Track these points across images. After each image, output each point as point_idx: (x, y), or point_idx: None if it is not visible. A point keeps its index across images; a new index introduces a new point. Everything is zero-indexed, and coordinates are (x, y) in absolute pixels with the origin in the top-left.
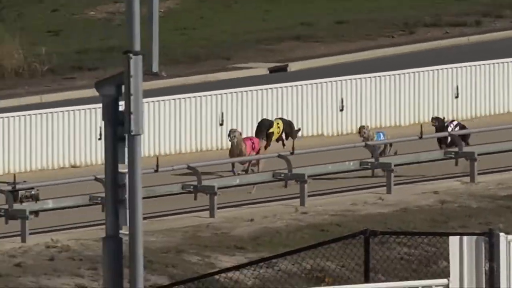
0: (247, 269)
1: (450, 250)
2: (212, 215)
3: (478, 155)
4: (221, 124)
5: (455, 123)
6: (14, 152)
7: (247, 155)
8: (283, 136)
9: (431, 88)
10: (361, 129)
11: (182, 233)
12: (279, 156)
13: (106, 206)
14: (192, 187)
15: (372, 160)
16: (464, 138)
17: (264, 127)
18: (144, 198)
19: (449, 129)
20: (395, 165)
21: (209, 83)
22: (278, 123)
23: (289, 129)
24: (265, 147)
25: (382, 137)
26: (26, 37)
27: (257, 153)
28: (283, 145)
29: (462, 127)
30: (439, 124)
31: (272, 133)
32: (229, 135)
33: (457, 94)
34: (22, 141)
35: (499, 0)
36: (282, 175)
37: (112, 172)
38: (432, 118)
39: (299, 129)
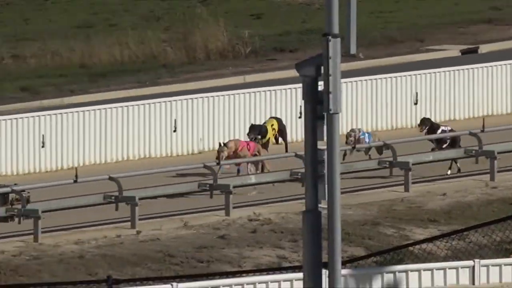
0: (439, 241)
1: None
2: (406, 189)
3: None
4: (415, 103)
5: (448, 128)
6: (219, 128)
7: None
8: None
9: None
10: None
11: (378, 207)
12: (470, 133)
13: (306, 181)
14: (387, 163)
15: None
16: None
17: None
18: (342, 173)
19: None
20: None
21: (403, 64)
22: (272, 124)
23: (283, 128)
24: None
25: (367, 138)
26: (230, 20)
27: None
28: (277, 143)
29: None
30: (432, 125)
31: (268, 140)
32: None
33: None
34: (226, 119)
35: None
36: (473, 151)
37: (312, 148)
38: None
39: None
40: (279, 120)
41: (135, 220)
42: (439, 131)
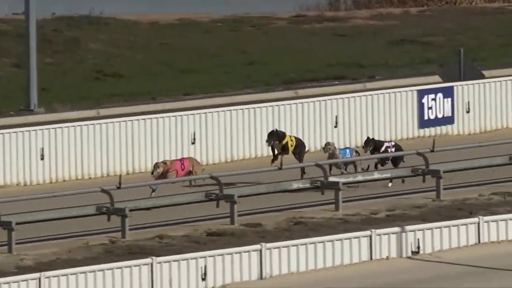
0: None
1: None
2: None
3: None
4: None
5: (392, 143)
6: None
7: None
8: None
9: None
10: (325, 146)
11: None
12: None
13: None
14: (420, 170)
15: None
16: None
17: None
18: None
19: (388, 149)
20: None
21: None
22: (291, 138)
23: (299, 149)
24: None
25: (348, 154)
26: None
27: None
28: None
29: (398, 148)
30: (375, 144)
31: (287, 143)
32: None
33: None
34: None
35: None
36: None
37: None
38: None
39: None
40: (298, 139)
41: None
42: (383, 148)
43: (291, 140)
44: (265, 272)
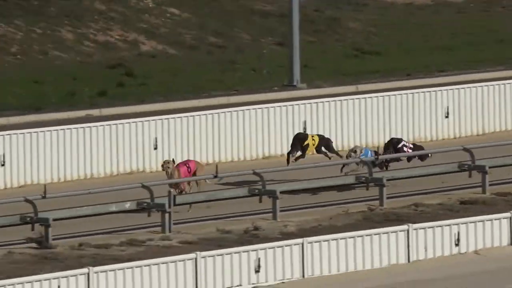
0: None
1: None
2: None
3: None
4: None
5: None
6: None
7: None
8: (323, 149)
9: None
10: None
11: None
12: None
13: None
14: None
15: None
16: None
17: (298, 140)
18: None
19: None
20: None
21: None
22: (313, 137)
23: (325, 146)
24: (297, 158)
25: (369, 154)
26: None
27: (194, 174)
28: (329, 157)
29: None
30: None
31: (307, 145)
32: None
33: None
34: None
35: None
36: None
37: None
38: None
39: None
40: (320, 137)
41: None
42: (400, 145)
43: (313, 139)
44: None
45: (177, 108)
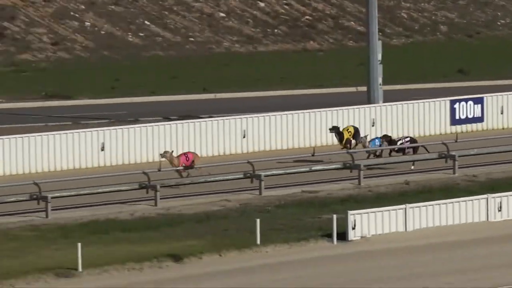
0: None
1: None
2: None
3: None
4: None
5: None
6: None
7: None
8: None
9: None
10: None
11: None
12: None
13: None
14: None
15: None
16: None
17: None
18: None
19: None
20: None
21: None
22: (348, 129)
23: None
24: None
25: (377, 143)
26: None
27: (192, 162)
28: (350, 148)
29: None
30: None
31: (344, 138)
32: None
33: None
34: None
35: None
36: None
37: None
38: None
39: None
40: (355, 128)
41: None
42: (399, 142)
43: (349, 131)
44: None
45: None
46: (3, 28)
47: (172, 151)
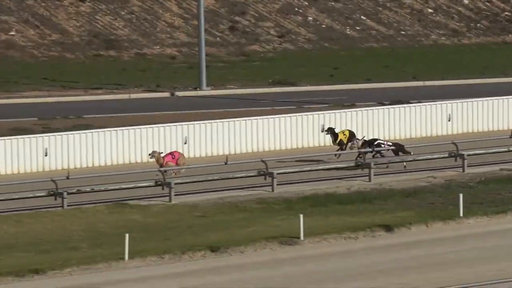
0: None
1: None
2: None
3: None
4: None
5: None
6: None
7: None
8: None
9: None
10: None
11: None
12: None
13: None
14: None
15: None
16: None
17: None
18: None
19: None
20: None
21: None
22: (344, 132)
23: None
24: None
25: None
26: None
27: (177, 160)
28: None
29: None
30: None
31: (341, 140)
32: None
33: None
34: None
35: None
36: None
37: None
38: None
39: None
40: (351, 132)
41: None
42: (376, 143)
43: (344, 134)
44: None
45: None
46: (235, 22)
47: (161, 152)
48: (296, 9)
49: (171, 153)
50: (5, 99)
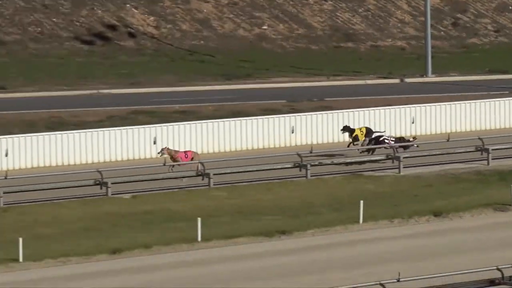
0: None
1: None
2: None
3: None
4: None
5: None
6: None
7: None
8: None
9: None
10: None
11: None
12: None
13: None
14: None
15: None
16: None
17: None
18: None
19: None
20: None
21: None
22: (361, 129)
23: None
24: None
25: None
26: None
27: (192, 159)
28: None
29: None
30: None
31: (357, 135)
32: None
33: None
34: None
35: None
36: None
37: None
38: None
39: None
40: (368, 129)
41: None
42: (381, 139)
43: (361, 131)
44: None
45: None
46: (457, 18)
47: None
48: (510, 7)
49: (185, 152)
50: (258, 84)
